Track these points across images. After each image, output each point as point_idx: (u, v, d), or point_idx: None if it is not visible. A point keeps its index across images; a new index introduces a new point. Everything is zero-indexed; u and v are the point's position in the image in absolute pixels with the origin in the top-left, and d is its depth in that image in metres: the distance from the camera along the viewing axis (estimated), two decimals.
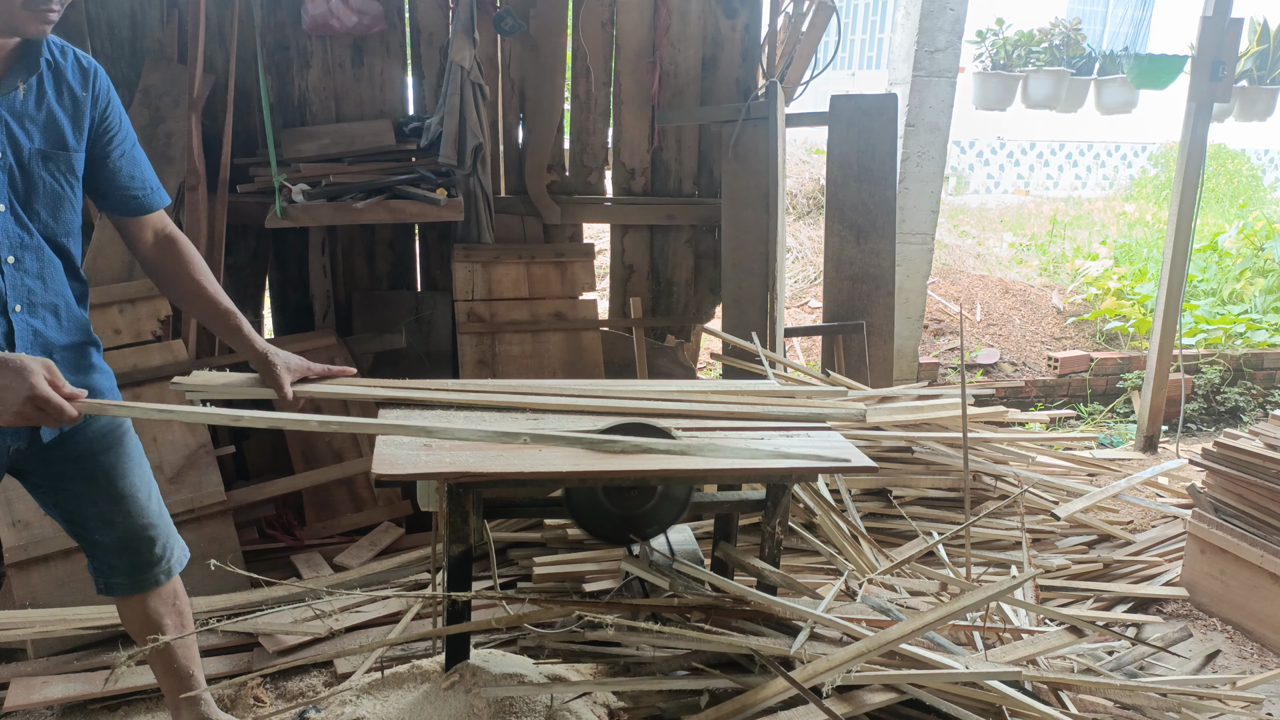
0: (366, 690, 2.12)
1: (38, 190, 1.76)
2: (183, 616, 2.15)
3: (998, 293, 6.56)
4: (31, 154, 1.74)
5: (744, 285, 3.94)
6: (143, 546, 2.04)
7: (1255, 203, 10.33)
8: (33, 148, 1.74)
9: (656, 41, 3.89)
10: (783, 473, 2.02)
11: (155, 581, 2.08)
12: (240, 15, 3.42)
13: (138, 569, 2.05)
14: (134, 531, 2.02)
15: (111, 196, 1.92)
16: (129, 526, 2.01)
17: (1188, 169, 4.39)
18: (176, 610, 2.13)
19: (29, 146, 1.73)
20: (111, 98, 1.87)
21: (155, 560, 2.06)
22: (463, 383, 2.27)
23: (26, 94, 1.72)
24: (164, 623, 2.10)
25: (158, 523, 2.06)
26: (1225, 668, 2.86)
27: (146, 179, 1.96)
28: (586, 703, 2.02)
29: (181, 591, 2.16)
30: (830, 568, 2.98)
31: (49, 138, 1.76)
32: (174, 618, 2.13)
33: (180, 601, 2.15)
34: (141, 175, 1.95)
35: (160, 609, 2.10)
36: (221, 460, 3.20)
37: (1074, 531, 3.47)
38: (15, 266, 1.75)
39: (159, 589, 2.09)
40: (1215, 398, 5.59)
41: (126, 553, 2.03)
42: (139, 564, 2.05)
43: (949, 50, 4.31)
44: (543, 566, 2.94)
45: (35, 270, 1.79)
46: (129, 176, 1.92)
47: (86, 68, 1.82)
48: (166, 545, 2.08)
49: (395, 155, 3.63)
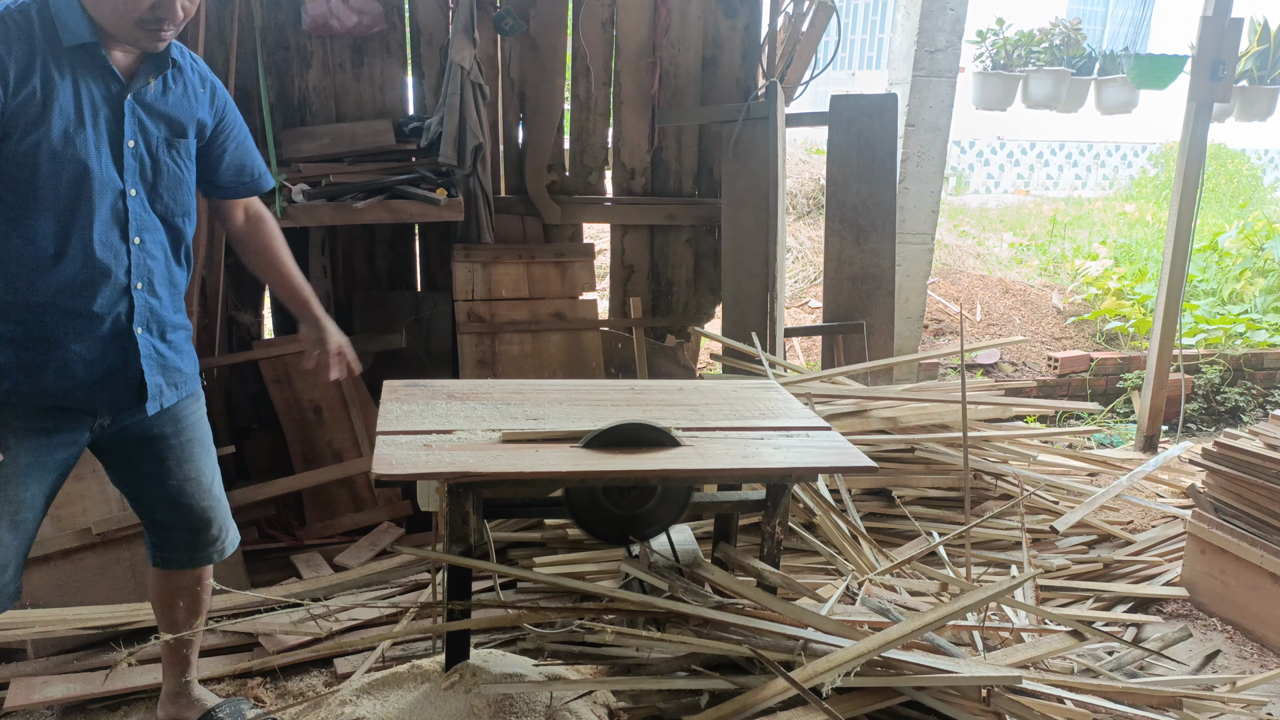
0: (366, 690, 2.12)
1: (163, 175, 1.92)
2: (199, 602, 2.25)
3: (998, 293, 6.56)
4: (159, 141, 1.90)
5: (744, 285, 3.94)
6: (201, 527, 2.13)
7: (1255, 203, 10.33)
8: (160, 136, 1.90)
9: (656, 41, 3.89)
10: (783, 473, 2.03)
11: (209, 559, 2.19)
12: (240, 15, 3.42)
13: (194, 548, 2.16)
14: (195, 513, 2.12)
15: (220, 183, 2.12)
16: (191, 507, 2.11)
17: (1188, 169, 4.39)
18: (195, 595, 2.23)
19: (157, 135, 1.90)
20: (228, 102, 2.08)
21: (211, 540, 2.17)
22: None
23: (156, 90, 1.89)
24: (179, 602, 2.21)
25: (217, 505, 2.16)
26: (1225, 668, 2.85)
27: (255, 166, 2.16)
28: (586, 703, 2.02)
29: (209, 578, 2.26)
30: (830, 568, 2.98)
31: (173, 127, 1.93)
32: (188, 599, 2.22)
33: (201, 587, 2.24)
34: (251, 164, 2.15)
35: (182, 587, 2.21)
36: (222, 460, 3.19)
37: (1074, 531, 3.47)
38: (140, 247, 1.89)
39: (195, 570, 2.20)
40: (1215, 398, 5.59)
41: (185, 532, 2.12)
42: (195, 543, 2.15)
43: (949, 50, 4.31)
44: (543, 566, 2.95)
45: (156, 251, 1.94)
46: (239, 167, 2.12)
47: (205, 75, 2.02)
48: (223, 527, 2.19)
49: (395, 155, 3.63)
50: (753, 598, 2.04)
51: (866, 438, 3.29)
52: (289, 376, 3.55)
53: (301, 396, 3.54)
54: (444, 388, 2.35)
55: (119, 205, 1.85)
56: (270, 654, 2.65)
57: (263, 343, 3.68)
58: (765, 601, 2.04)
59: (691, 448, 2.01)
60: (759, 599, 2.04)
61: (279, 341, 3.66)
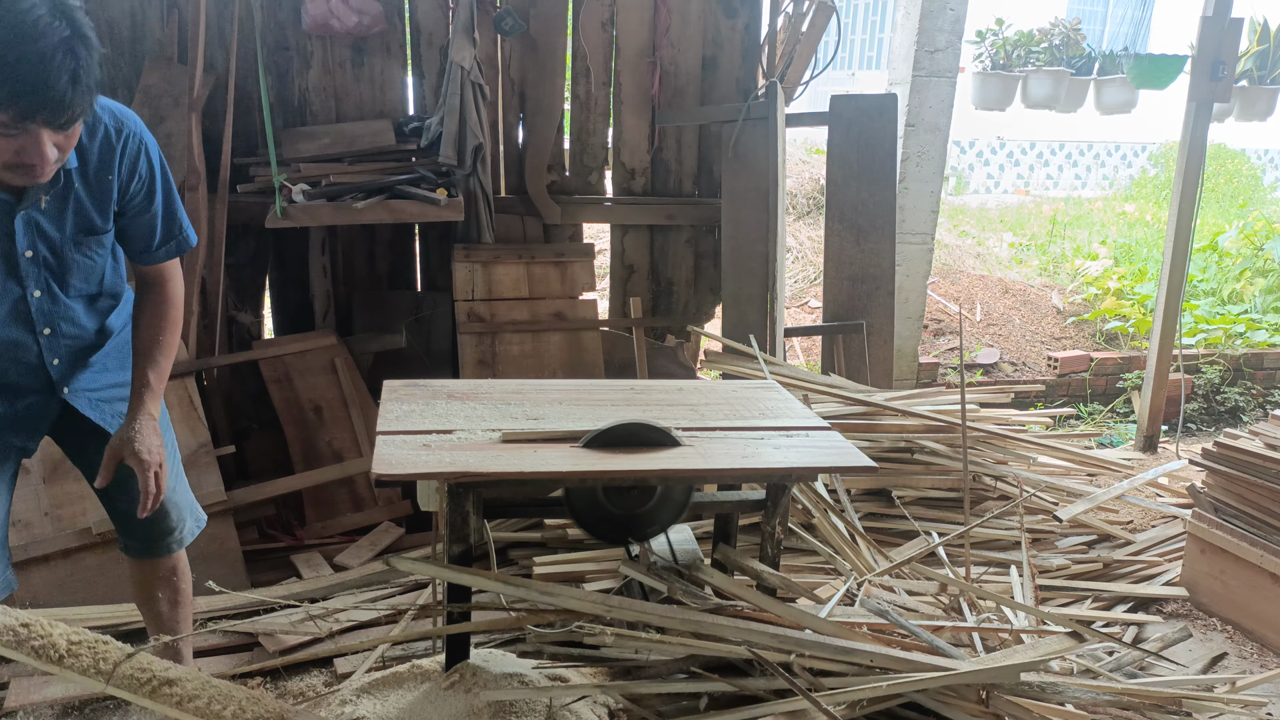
0: (366, 690, 2.12)
1: (71, 269, 1.87)
2: (178, 594, 2.23)
3: (998, 293, 6.56)
4: (64, 241, 1.83)
5: (744, 285, 3.94)
6: (156, 517, 2.10)
7: (1255, 203, 10.33)
8: (63, 236, 1.83)
9: (656, 41, 3.89)
10: (783, 472, 2.02)
11: (167, 549, 2.17)
12: (240, 15, 3.42)
13: (151, 537, 2.14)
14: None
15: (135, 249, 2.01)
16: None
17: (1188, 169, 4.39)
18: (172, 585, 2.21)
19: (58, 237, 1.82)
20: (139, 167, 1.89)
21: (168, 530, 2.15)
22: None
23: (50, 200, 1.79)
24: (157, 594, 2.20)
25: (173, 497, 2.11)
26: (1225, 667, 2.86)
27: (174, 228, 2.02)
28: (587, 702, 2.02)
29: (182, 569, 2.24)
30: (829, 568, 2.98)
31: (79, 224, 1.84)
32: (167, 590, 2.21)
33: (178, 577, 2.22)
34: (170, 227, 2.01)
35: (155, 578, 2.19)
36: (222, 460, 3.20)
37: (1074, 531, 3.47)
38: (50, 335, 1.90)
39: (158, 560, 2.18)
40: (1215, 398, 5.59)
41: (141, 521, 2.08)
42: (152, 533, 2.13)
43: (949, 50, 4.31)
44: (543, 566, 2.95)
45: (69, 328, 1.93)
46: (155, 231, 1.99)
47: (114, 144, 1.84)
48: (181, 518, 2.16)
49: (395, 155, 3.63)
50: (752, 600, 2.04)
51: (867, 435, 3.29)
52: (289, 376, 3.56)
53: (301, 396, 3.54)
54: (444, 388, 2.34)
55: (21, 308, 1.84)
56: (270, 654, 2.65)
57: (263, 343, 3.68)
58: (764, 604, 2.03)
59: (691, 448, 2.01)
60: (758, 601, 2.04)
61: (279, 341, 3.66)
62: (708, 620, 1.95)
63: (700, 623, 1.94)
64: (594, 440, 1.99)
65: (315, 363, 3.59)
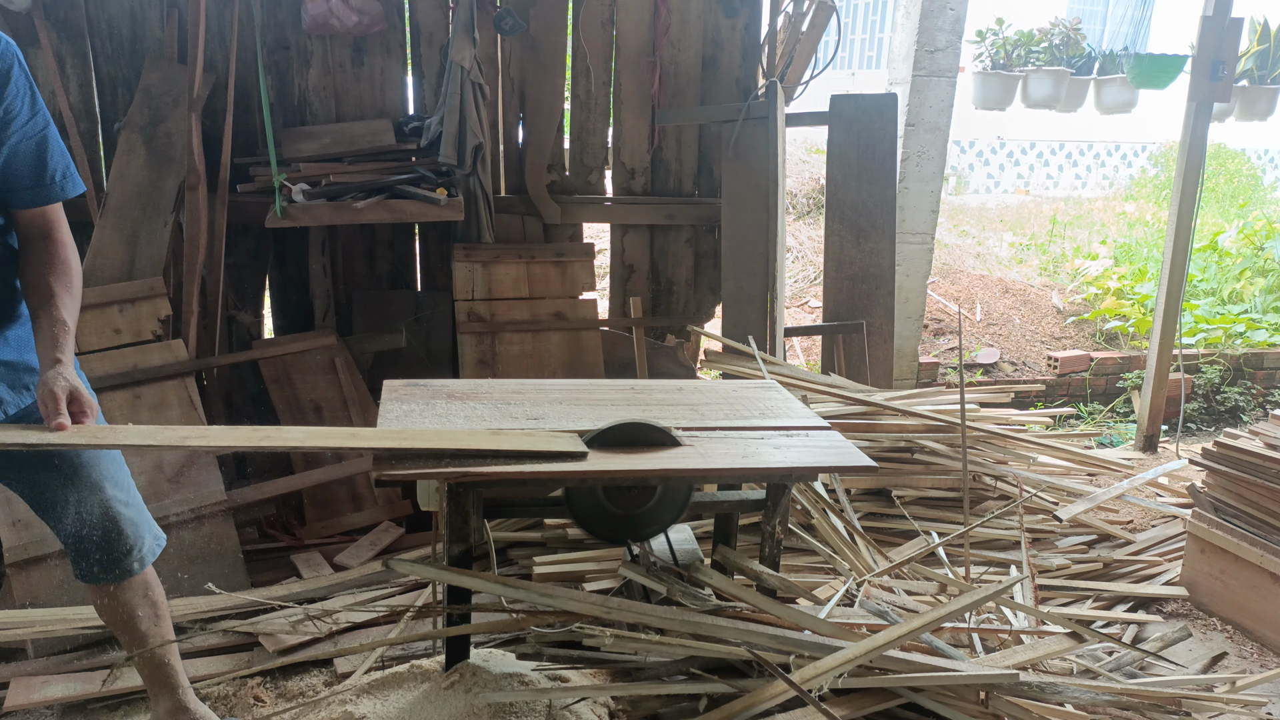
0: (366, 690, 2.12)
1: None
2: (157, 607, 2.11)
3: (998, 292, 6.56)
4: None
5: (744, 285, 3.94)
6: (111, 536, 1.97)
7: (1255, 202, 10.32)
8: None
9: (656, 41, 3.89)
10: (783, 472, 2.02)
11: (129, 571, 2.02)
12: (240, 15, 3.42)
13: (110, 563, 2.00)
14: (101, 522, 1.96)
15: (10, 187, 1.76)
16: (96, 517, 1.95)
17: (1188, 169, 4.39)
18: (149, 601, 2.09)
19: None
20: (14, 82, 1.68)
21: (126, 551, 2.00)
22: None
23: None
24: (137, 614, 2.07)
25: (125, 512, 1.99)
26: (1225, 667, 2.86)
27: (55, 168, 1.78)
28: (587, 703, 2.02)
29: (153, 582, 2.11)
30: (829, 568, 2.97)
31: None
32: (147, 609, 2.08)
33: (153, 592, 2.10)
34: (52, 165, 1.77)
35: (132, 600, 2.06)
36: (222, 460, 3.20)
37: (1074, 531, 3.47)
38: None
39: (131, 580, 2.04)
40: (1215, 397, 5.59)
41: (96, 542, 1.97)
42: (110, 557, 1.99)
43: (949, 50, 4.31)
44: (543, 566, 2.94)
45: None
46: (32, 168, 1.76)
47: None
48: (137, 536, 2.02)
49: (395, 155, 3.63)
50: (751, 601, 2.04)
51: (867, 435, 3.29)
52: (289, 376, 3.56)
53: (301, 396, 3.54)
54: (444, 387, 2.34)
55: None
56: (270, 654, 2.65)
57: (263, 343, 3.68)
58: (764, 605, 2.04)
59: (692, 447, 2.01)
60: (758, 602, 2.04)
61: (279, 341, 3.66)
62: (707, 621, 1.95)
63: (699, 624, 1.94)
64: (594, 440, 1.99)
65: (315, 362, 3.59)
